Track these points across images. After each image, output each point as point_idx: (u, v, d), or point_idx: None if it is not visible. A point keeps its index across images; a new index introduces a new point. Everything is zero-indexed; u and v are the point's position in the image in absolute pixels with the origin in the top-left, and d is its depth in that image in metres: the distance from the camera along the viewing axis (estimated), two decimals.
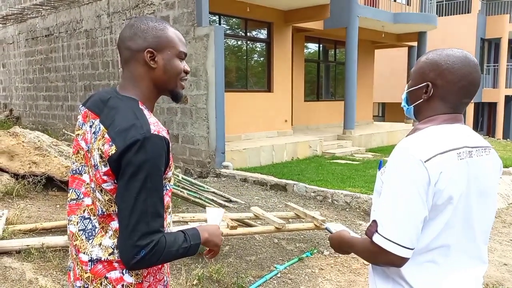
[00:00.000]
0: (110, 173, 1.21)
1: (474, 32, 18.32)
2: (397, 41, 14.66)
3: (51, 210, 5.15)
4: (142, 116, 1.24)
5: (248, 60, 10.43)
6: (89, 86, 10.59)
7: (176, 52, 1.34)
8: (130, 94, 1.31)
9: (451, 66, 1.29)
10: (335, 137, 11.34)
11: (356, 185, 6.62)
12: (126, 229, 1.18)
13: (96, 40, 10.12)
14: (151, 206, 1.19)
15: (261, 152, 8.72)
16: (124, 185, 1.19)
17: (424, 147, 1.23)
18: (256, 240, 4.47)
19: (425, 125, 1.33)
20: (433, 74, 1.31)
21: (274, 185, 6.85)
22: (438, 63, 1.30)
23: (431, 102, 1.33)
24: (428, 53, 1.38)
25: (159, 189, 1.22)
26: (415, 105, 1.38)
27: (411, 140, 1.28)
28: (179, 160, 8.51)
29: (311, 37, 12.76)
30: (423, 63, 1.35)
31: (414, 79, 1.38)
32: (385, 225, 1.22)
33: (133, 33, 1.31)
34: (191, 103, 8.14)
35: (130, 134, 1.18)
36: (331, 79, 14.26)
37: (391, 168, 1.26)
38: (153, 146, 1.19)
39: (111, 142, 1.20)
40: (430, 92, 1.32)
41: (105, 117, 1.26)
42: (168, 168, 1.29)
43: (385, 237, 1.21)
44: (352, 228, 5.08)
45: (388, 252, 1.21)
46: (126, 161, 1.17)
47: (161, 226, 1.22)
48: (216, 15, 9.41)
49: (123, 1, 9.24)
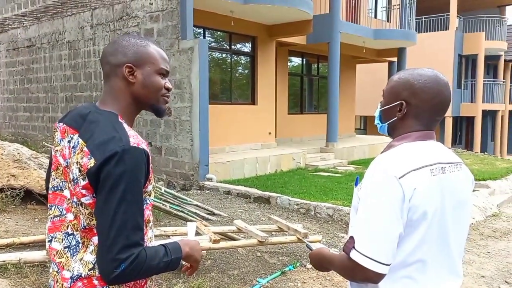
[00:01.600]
0: (88, 186, 1.21)
1: (452, 48, 18.81)
2: (378, 57, 14.95)
3: (29, 224, 5.05)
4: (121, 129, 1.25)
5: (232, 73, 10.50)
6: (70, 98, 10.48)
7: (156, 68, 1.36)
8: (109, 108, 1.33)
9: (423, 85, 1.33)
10: (318, 149, 11.44)
11: (338, 197, 6.68)
12: (105, 242, 1.17)
13: (79, 51, 10.06)
14: (131, 218, 1.18)
15: (245, 164, 8.73)
16: (103, 198, 1.18)
17: (398, 164, 1.25)
18: (238, 253, 4.46)
19: (399, 142, 1.35)
20: (407, 93, 1.34)
21: (258, 197, 6.86)
22: (411, 82, 1.34)
23: (404, 120, 1.36)
24: (399, 72, 1.41)
25: (139, 201, 1.22)
26: (389, 123, 1.41)
27: (385, 156, 1.30)
28: (162, 173, 8.46)
29: (295, 51, 12.93)
30: (396, 83, 1.38)
31: (387, 97, 1.41)
32: (361, 241, 1.23)
33: (115, 48, 1.34)
34: (174, 115, 8.13)
35: (109, 146, 1.19)
36: (314, 93, 14.43)
37: (367, 184, 1.28)
38: (132, 158, 1.19)
39: (90, 155, 1.20)
40: (404, 110, 1.35)
41: (84, 131, 1.27)
42: (148, 182, 1.29)
43: (362, 253, 1.22)
44: (334, 240, 5.11)
45: (365, 268, 1.22)
46: (105, 174, 1.17)
47: (141, 239, 1.21)
48: (200, 28, 9.47)
49: (107, 13, 9.23)
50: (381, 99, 1.46)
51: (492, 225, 6.49)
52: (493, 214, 7.11)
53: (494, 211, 7.29)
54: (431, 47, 18.61)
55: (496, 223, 6.61)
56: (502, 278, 4.38)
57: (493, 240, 5.74)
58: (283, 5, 8.85)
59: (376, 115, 1.48)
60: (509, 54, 22.64)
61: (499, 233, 6.04)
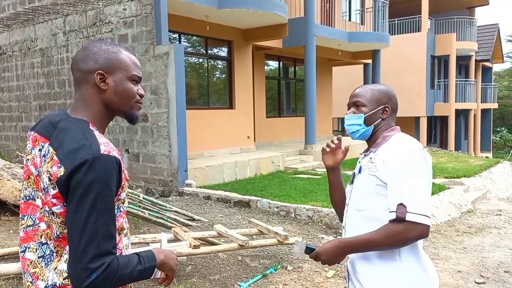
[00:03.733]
0: (59, 195, 1.20)
1: (424, 49, 19.22)
2: (353, 59, 15.17)
3: (4, 236, 4.92)
4: (92, 136, 1.23)
5: (209, 77, 10.48)
6: (44, 106, 10.27)
7: (128, 74, 1.35)
8: (80, 115, 1.31)
9: (392, 93, 1.78)
10: (297, 152, 11.50)
11: (318, 199, 6.73)
12: (76, 251, 1.15)
13: (52, 58, 9.88)
14: (102, 227, 1.17)
15: (224, 168, 8.71)
16: (73, 206, 1.17)
17: (415, 142, 1.63)
18: (219, 258, 4.45)
19: (392, 133, 1.72)
20: (386, 99, 1.75)
21: (238, 201, 6.85)
22: (385, 91, 1.76)
23: (386, 119, 1.75)
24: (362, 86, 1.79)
25: (110, 209, 1.21)
26: (375, 124, 1.74)
27: (402, 140, 1.65)
28: (140, 180, 8.36)
29: (271, 55, 13.00)
30: (373, 92, 1.75)
31: (370, 105, 1.74)
32: (413, 203, 1.49)
33: (86, 55, 1.33)
34: (151, 121, 8.06)
35: (79, 154, 1.17)
36: (291, 96, 14.52)
37: (402, 160, 1.56)
38: (103, 166, 1.18)
39: (60, 164, 1.18)
40: (389, 111, 1.74)
41: (54, 139, 1.25)
42: (121, 189, 1.28)
43: (416, 213, 1.48)
44: (315, 241, 5.15)
45: (420, 224, 1.49)
46: (75, 182, 1.16)
47: (113, 247, 1.20)
48: (176, 33, 9.43)
49: (80, 20, 9.10)
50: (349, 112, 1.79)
51: (468, 221, 6.66)
52: (468, 211, 7.29)
53: (469, 207, 7.48)
54: (405, 48, 18.98)
55: (471, 219, 6.78)
56: (478, 272, 4.50)
57: (469, 236, 5.88)
58: (258, 9, 8.89)
59: (357, 122, 1.75)
60: (479, 55, 23.29)
61: (474, 229, 6.20)
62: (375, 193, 1.60)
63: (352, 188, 1.76)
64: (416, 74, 19.11)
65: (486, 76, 26.32)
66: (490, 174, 10.64)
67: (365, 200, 1.63)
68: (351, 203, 1.74)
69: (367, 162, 1.69)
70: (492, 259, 4.90)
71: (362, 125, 1.74)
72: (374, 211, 1.61)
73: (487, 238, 5.78)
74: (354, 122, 1.75)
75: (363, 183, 1.66)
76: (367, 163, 1.68)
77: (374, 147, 1.72)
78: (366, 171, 1.65)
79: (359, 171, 1.72)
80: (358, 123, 1.74)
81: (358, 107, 1.75)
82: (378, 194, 1.59)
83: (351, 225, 1.71)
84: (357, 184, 1.71)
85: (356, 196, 1.70)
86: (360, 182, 1.68)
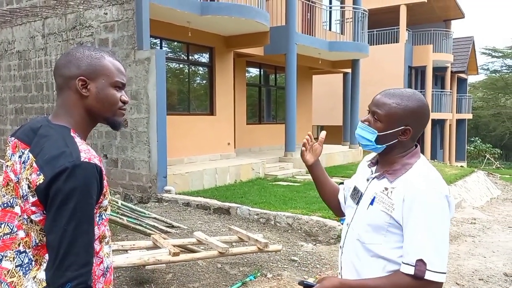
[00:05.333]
0: (38, 203, 1.18)
1: (402, 60, 19.64)
2: (333, 68, 15.37)
3: None
4: (73, 143, 1.22)
5: (190, 83, 10.45)
6: (20, 109, 10.05)
7: (111, 81, 1.34)
8: (62, 122, 1.30)
9: (423, 111, 1.47)
10: (277, 159, 11.55)
11: (297, 206, 6.77)
12: (55, 260, 1.14)
13: (29, 61, 9.69)
14: (81, 236, 1.16)
15: (204, 175, 8.67)
16: (52, 214, 1.15)
17: (442, 183, 1.42)
18: (199, 266, 4.42)
19: (413, 160, 1.48)
20: (410, 120, 1.46)
21: (217, 208, 6.83)
22: (412, 109, 1.45)
23: (404, 141, 1.48)
24: (391, 95, 1.48)
25: (90, 218, 1.19)
26: (388, 145, 1.50)
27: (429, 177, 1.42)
28: (119, 186, 8.25)
29: (252, 62, 13.05)
30: (396, 109, 1.46)
31: (387, 122, 1.46)
32: (435, 261, 1.34)
33: (68, 60, 1.32)
34: (131, 127, 7.97)
35: (59, 162, 1.16)
36: (272, 103, 14.60)
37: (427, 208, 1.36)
38: (83, 174, 1.17)
39: (39, 171, 1.17)
40: (410, 133, 1.47)
41: (34, 146, 1.24)
42: (103, 197, 1.27)
43: (436, 271, 1.34)
44: (294, 249, 5.17)
45: (438, 283, 1.35)
46: (54, 190, 1.14)
47: (91, 257, 1.19)
48: (157, 39, 9.38)
49: (60, 23, 8.96)
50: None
51: None
52: None
53: None
54: (383, 58, 19.35)
55: None
56: (453, 280, 4.59)
57: None
58: (240, 16, 8.93)
59: (368, 137, 1.51)
60: (455, 66, 23.91)
61: (450, 237, 6.32)
62: (385, 230, 1.43)
63: (356, 211, 1.56)
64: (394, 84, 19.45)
65: (461, 87, 27.02)
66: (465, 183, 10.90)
67: (373, 235, 1.45)
68: (354, 229, 1.55)
69: (381, 192, 1.46)
70: (467, 267, 5.01)
71: (373, 142, 1.50)
72: (380, 247, 1.45)
73: (462, 246, 5.91)
74: (365, 136, 1.52)
75: (373, 217, 1.46)
76: (382, 194, 1.46)
77: (390, 174, 1.48)
78: (380, 205, 1.44)
79: (371, 202, 1.48)
80: (369, 138, 1.50)
81: (375, 119, 1.49)
82: (389, 232, 1.43)
83: (351, 252, 1.55)
84: (364, 212, 1.51)
85: (362, 226, 1.50)
86: (370, 215, 1.47)
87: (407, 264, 1.36)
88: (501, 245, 6.00)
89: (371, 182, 1.54)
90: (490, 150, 29.72)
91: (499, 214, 8.84)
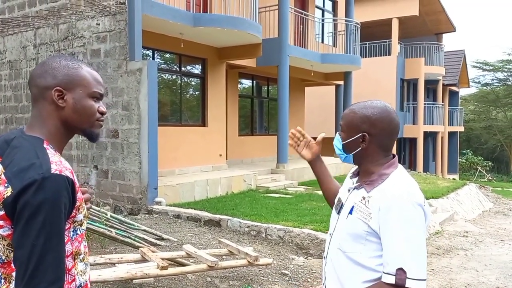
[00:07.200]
0: (5, 217, 1.12)
1: (394, 73, 19.80)
2: (325, 80, 15.44)
3: None
4: (44, 155, 1.17)
5: (182, 94, 10.42)
6: (11, 119, 9.95)
7: (88, 91, 1.30)
8: (36, 133, 1.26)
9: (380, 118, 1.52)
10: (269, 171, 11.50)
11: (289, 218, 6.71)
12: (23, 277, 1.09)
13: (21, 71, 9.62)
14: (51, 251, 1.11)
15: (195, 186, 8.60)
16: (21, 229, 1.10)
17: (417, 193, 1.45)
18: (188, 279, 4.34)
19: (389, 170, 1.53)
20: (366, 126, 1.52)
21: (208, 220, 6.75)
22: (367, 115, 1.52)
23: (369, 148, 1.54)
24: (352, 107, 1.58)
25: (60, 232, 1.14)
26: (354, 153, 1.57)
27: (402, 187, 1.46)
28: (109, 197, 8.15)
29: (245, 74, 13.07)
30: (353, 117, 1.55)
31: (347, 131, 1.57)
32: (415, 268, 1.37)
33: (44, 70, 1.28)
34: (122, 138, 7.91)
35: (28, 174, 1.11)
36: (264, 114, 14.60)
37: (403, 217, 1.40)
38: (52, 187, 1.12)
39: (7, 183, 1.12)
40: (367, 141, 1.53)
41: (6, 157, 1.19)
42: (76, 210, 1.21)
43: (416, 278, 1.36)
44: (285, 262, 5.10)
45: None
46: (22, 203, 1.10)
47: (62, 273, 1.14)
48: (149, 50, 9.37)
49: (51, 33, 8.93)
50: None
51: (436, 242, 6.76)
52: (436, 232, 7.41)
53: (437, 229, 7.61)
54: (375, 71, 19.49)
55: (439, 241, 6.89)
56: None
57: (437, 257, 5.96)
58: (232, 28, 8.96)
59: (338, 146, 1.62)
60: (446, 79, 24.15)
61: (442, 250, 6.29)
62: (364, 239, 1.47)
63: (338, 220, 1.61)
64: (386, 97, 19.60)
65: (453, 100, 27.28)
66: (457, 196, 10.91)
67: (353, 244, 1.50)
68: (335, 238, 1.60)
69: (359, 201, 1.52)
70: (459, 281, 4.97)
71: (342, 151, 1.61)
72: (360, 256, 1.49)
73: (454, 259, 5.88)
74: (337, 145, 1.63)
75: (351, 226, 1.51)
76: (360, 203, 1.51)
77: (368, 184, 1.53)
78: (358, 214, 1.49)
79: (350, 211, 1.54)
80: (339, 147, 1.61)
81: (341, 130, 1.61)
82: (367, 241, 1.47)
83: (335, 262, 1.59)
84: (344, 221, 1.56)
85: (342, 236, 1.56)
86: (349, 224, 1.52)
87: (388, 274, 1.40)
88: (494, 259, 5.98)
89: (351, 193, 1.59)
90: (482, 163, 29.92)
91: (491, 227, 8.83)
